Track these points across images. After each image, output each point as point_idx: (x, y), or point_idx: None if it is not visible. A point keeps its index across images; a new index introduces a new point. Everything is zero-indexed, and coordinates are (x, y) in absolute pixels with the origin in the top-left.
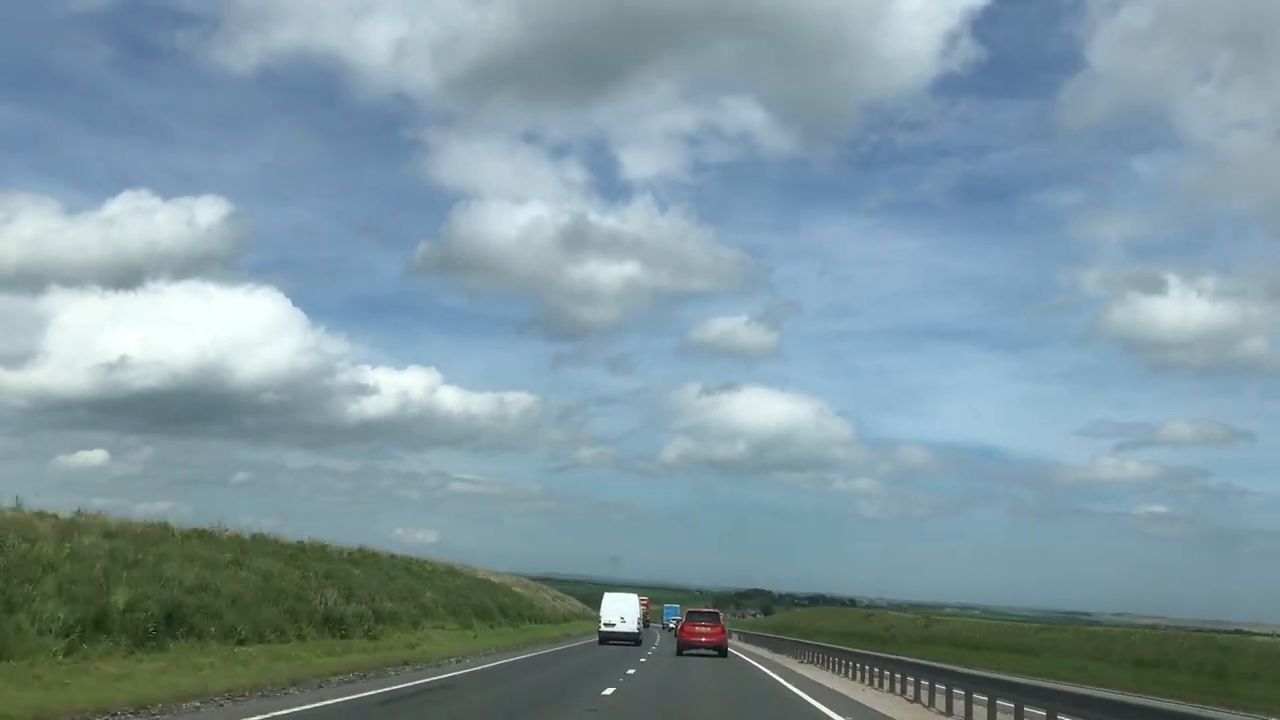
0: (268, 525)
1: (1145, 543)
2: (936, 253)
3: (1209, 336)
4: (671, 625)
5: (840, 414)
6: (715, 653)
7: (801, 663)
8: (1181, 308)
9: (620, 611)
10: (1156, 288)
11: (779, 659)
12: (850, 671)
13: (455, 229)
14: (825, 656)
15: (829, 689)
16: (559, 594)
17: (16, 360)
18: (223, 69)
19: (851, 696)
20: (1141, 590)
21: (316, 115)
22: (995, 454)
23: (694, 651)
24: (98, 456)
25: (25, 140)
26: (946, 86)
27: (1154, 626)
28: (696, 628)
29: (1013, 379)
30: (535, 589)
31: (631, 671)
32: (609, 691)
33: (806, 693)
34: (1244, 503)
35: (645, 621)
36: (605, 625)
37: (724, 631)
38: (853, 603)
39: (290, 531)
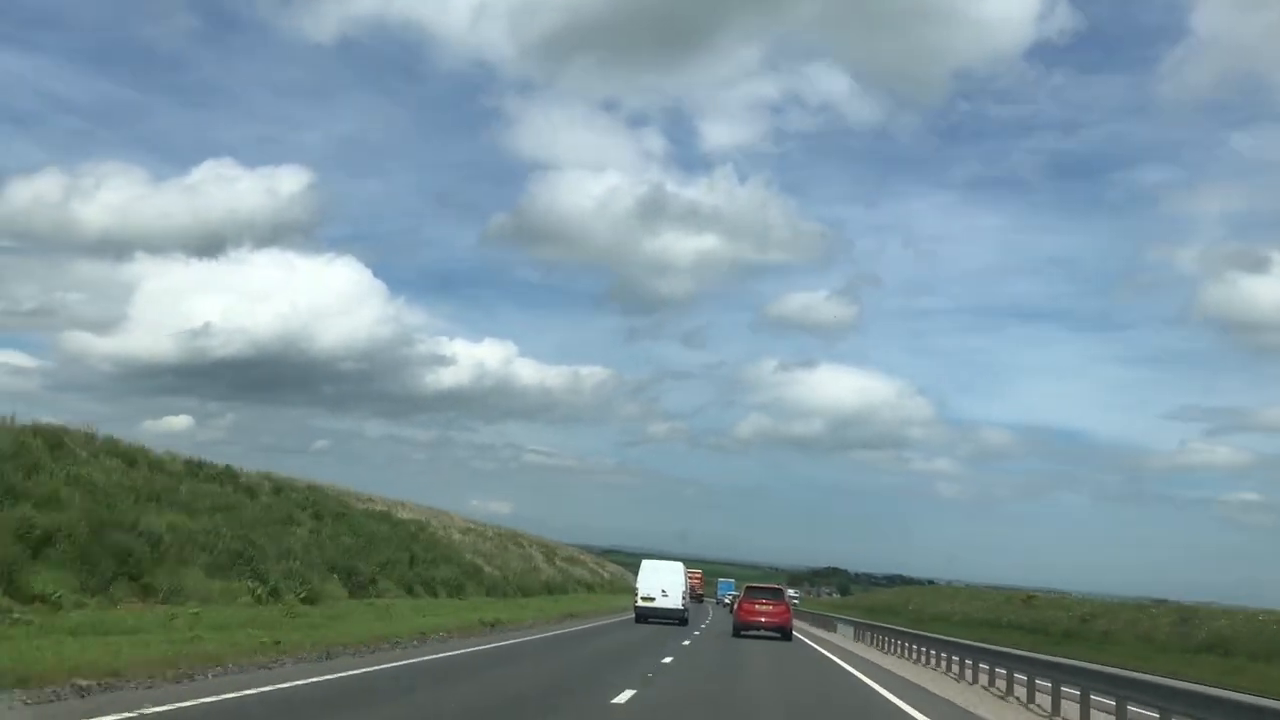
0: None
1: (1234, 530)
2: (1023, 230)
3: None
4: (727, 601)
5: (920, 393)
6: (778, 635)
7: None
8: None
9: (661, 583)
10: (1257, 266)
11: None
12: None
13: (532, 200)
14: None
15: None
16: (585, 555)
17: (105, 326)
18: (303, 38)
19: None
20: (1228, 578)
21: (396, 84)
22: (1079, 437)
23: (753, 634)
24: (182, 422)
25: (113, 111)
26: (1042, 54)
27: None
28: (756, 605)
29: (1099, 361)
30: (522, 543)
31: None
32: None
33: None
34: None
35: (698, 596)
36: (643, 600)
37: (788, 610)
38: (932, 583)
39: None
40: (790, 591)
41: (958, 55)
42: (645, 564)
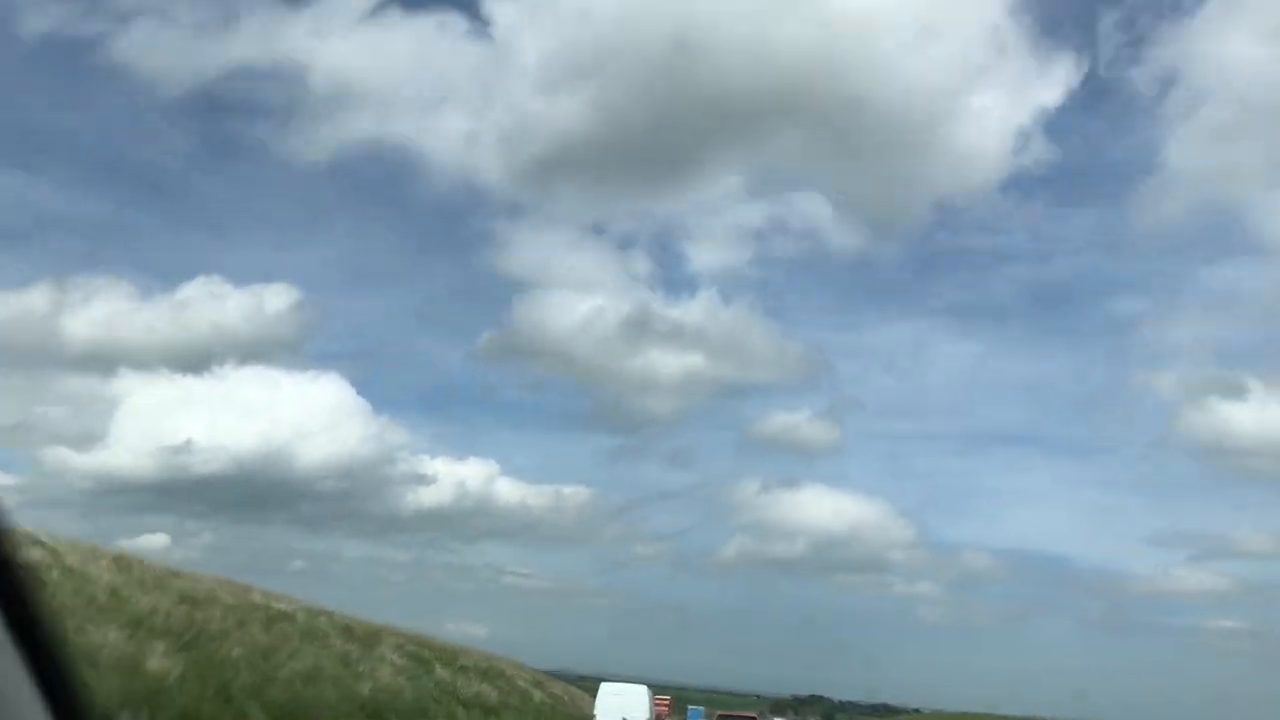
0: None
1: (1218, 658)
2: (1002, 356)
3: None
4: None
5: (902, 515)
6: None
7: None
8: (1262, 414)
9: (622, 709)
10: (1234, 393)
11: None
12: None
13: (519, 319)
14: None
15: None
16: (517, 669)
17: (85, 442)
18: (298, 159)
19: None
20: (1215, 708)
21: (386, 205)
22: (1060, 562)
23: None
24: (160, 540)
25: (104, 227)
26: (1018, 186)
27: None
28: None
29: (1078, 485)
30: (381, 639)
31: None
32: None
33: None
34: None
35: None
36: None
37: None
38: (918, 711)
39: None
40: None
41: (936, 186)
42: (604, 688)
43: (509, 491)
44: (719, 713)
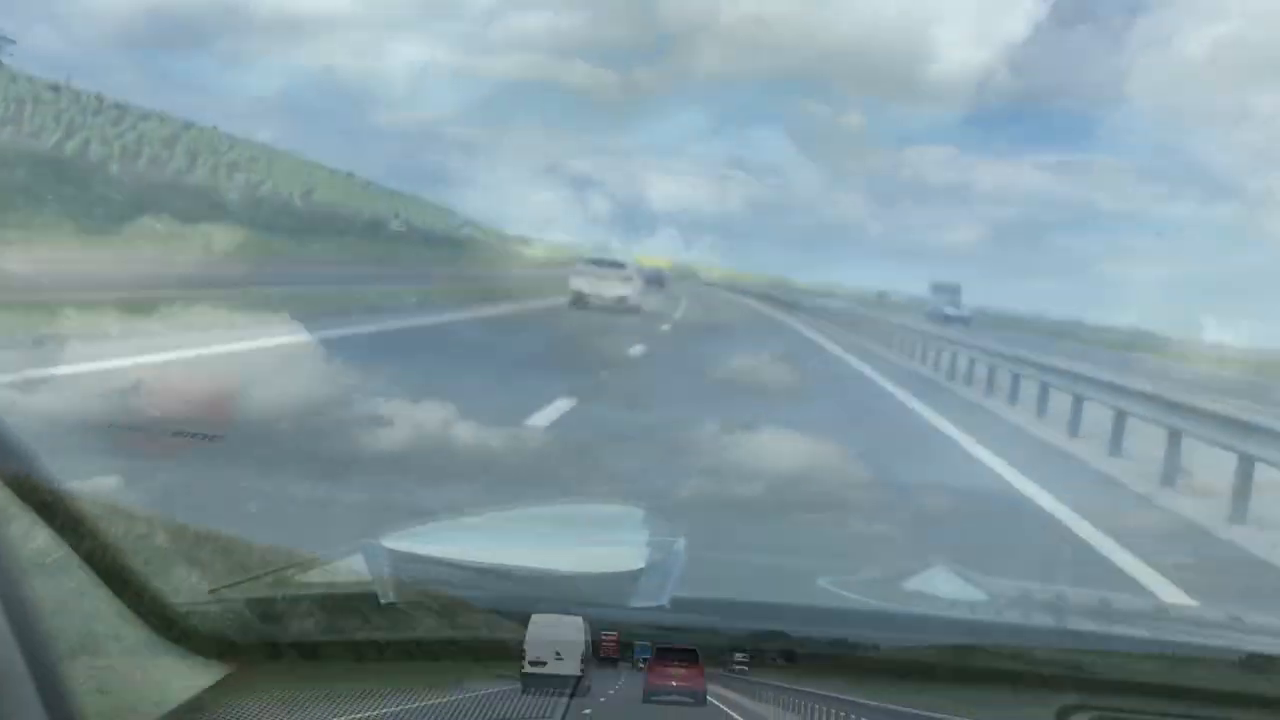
0: None
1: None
2: (965, 295)
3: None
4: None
5: (861, 457)
6: None
7: None
8: (1220, 351)
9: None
10: (1192, 329)
11: None
12: None
13: (474, 261)
14: None
15: None
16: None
17: (30, 383)
18: (243, 92)
19: None
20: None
21: (336, 140)
22: (1019, 504)
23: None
24: (111, 482)
25: (42, 163)
26: (981, 122)
27: None
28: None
29: (1037, 426)
30: None
31: None
32: None
33: None
34: None
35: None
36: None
37: None
38: (877, 648)
39: None
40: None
41: (901, 123)
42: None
43: (467, 433)
44: (658, 644)
